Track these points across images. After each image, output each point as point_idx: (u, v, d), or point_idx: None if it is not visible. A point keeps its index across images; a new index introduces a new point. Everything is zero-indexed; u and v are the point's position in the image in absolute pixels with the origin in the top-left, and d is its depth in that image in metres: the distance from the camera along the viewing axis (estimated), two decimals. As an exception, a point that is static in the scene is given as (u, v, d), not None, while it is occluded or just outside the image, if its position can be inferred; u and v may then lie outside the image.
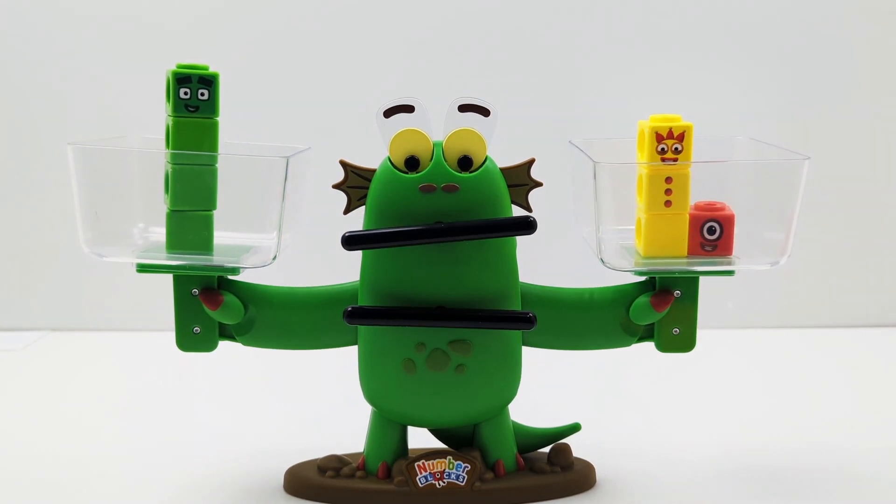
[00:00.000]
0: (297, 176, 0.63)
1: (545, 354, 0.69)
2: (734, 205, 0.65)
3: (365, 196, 0.63)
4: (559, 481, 0.68)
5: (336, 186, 0.64)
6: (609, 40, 1.09)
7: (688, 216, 0.64)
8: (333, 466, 0.68)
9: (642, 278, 0.67)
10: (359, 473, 0.68)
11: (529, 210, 0.64)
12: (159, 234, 0.64)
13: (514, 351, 0.66)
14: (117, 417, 0.85)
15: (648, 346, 0.68)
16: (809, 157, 0.63)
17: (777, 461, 0.74)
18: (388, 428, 0.67)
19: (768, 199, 0.66)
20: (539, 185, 0.64)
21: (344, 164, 0.64)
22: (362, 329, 0.65)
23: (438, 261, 0.63)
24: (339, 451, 0.71)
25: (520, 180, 0.64)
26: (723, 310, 1.11)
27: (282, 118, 1.09)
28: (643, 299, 0.66)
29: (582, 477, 0.69)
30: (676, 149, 0.63)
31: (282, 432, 0.80)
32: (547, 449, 0.71)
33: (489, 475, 0.67)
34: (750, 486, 0.70)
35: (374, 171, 0.63)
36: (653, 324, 0.67)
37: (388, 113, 0.62)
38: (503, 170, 0.64)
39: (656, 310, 0.65)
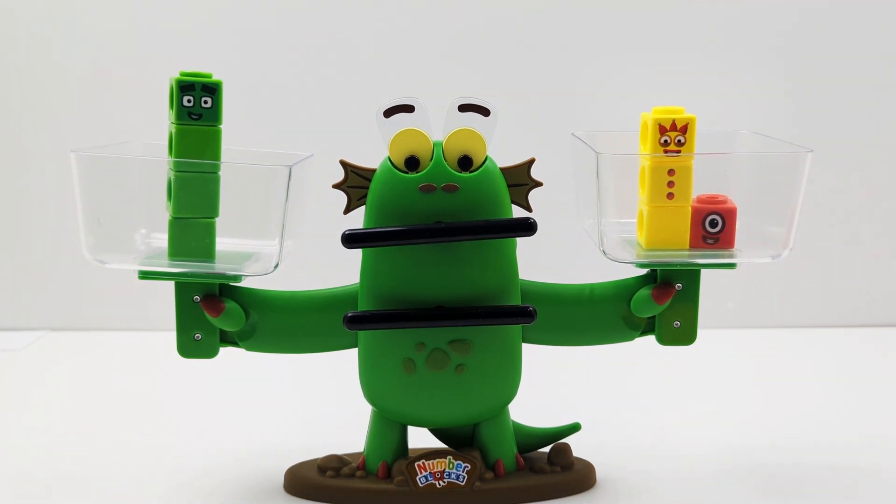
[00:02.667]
0: (300, 183, 0.63)
1: (545, 354, 0.69)
2: (736, 198, 0.65)
3: (365, 196, 0.63)
4: (559, 481, 0.68)
5: (336, 186, 0.64)
6: (612, 33, 1.09)
7: (690, 209, 0.64)
8: (333, 466, 0.68)
9: (643, 271, 0.67)
10: (359, 473, 0.68)
11: (529, 210, 0.64)
12: (161, 239, 0.64)
13: (514, 350, 0.66)
14: (117, 417, 0.85)
15: (648, 346, 0.68)
16: (812, 150, 0.63)
17: (776, 460, 0.74)
18: (388, 428, 0.67)
19: (770, 191, 0.66)
20: (539, 184, 0.64)
21: (344, 164, 0.63)
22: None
23: (438, 261, 0.63)
24: (339, 451, 0.71)
25: (520, 180, 0.64)
26: (723, 309, 1.11)
27: (282, 118, 1.09)
28: (644, 292, 0.65)
29: (582, 477, 0.69)
30: (679, 141, 0.63)
31: (282, 432, 0.80)
32: (547, 449, 0.71)
33: (489, 475, 0.67)
34: (749, 486, 0.70)
35: (374, 170, 0.63)
36: (654, 317, 0.67)
37: (388, 113, 0.62)
38: (503, 170, 0.64)
39: (657, 302, 0.65)
